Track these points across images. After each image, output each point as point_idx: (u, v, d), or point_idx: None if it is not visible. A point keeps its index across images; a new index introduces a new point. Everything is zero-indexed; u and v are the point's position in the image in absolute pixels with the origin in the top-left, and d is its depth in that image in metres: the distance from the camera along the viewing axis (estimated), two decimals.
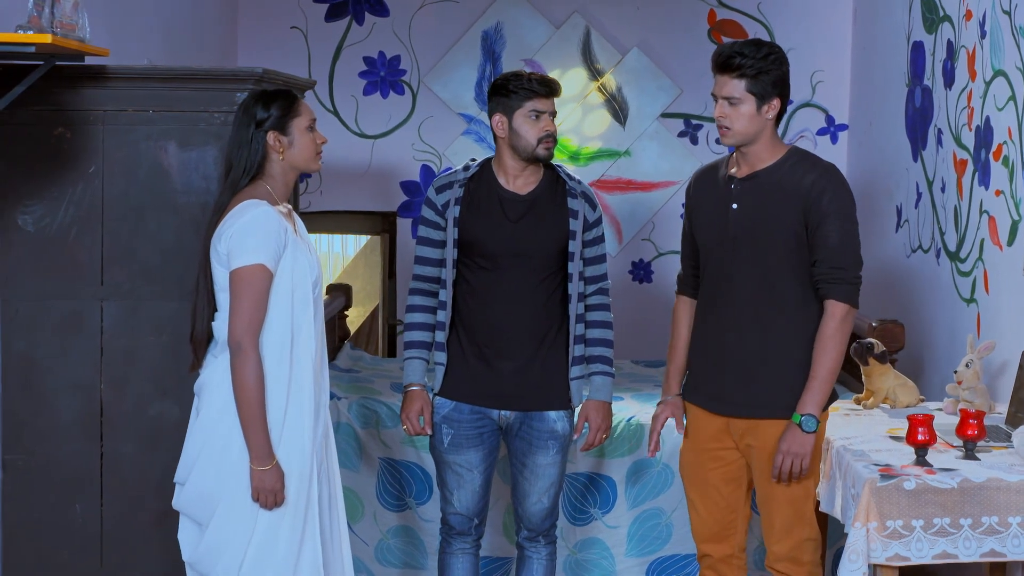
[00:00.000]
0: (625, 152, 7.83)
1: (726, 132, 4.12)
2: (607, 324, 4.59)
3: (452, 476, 4.53)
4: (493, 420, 4.50)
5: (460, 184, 4.50)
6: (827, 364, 4.10)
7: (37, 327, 4.32)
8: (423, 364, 4.55)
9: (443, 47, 7.81)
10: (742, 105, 4.07)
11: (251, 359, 3.71)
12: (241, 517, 3.78)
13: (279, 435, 3.79)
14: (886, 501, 3.88)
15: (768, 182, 4.14)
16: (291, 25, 7.81)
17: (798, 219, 4.10)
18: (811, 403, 4.10)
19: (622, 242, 7.83)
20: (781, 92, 4.14)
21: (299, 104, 3.91)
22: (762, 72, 4.07)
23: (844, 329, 4.09)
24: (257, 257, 3.73)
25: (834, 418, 4.64)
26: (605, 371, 4.55)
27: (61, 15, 4.02)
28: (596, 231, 4.54)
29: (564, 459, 4.55)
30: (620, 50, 7.81)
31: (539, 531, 4.59)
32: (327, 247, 9.73)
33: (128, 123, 4.29)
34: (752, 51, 4.07)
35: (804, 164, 4.16)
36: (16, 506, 4.36)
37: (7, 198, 4.29)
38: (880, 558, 3.88)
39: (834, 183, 4.12)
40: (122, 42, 5.51)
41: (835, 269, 4.09)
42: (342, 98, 7.84)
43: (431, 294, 4.54)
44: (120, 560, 4.38)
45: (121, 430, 4.36)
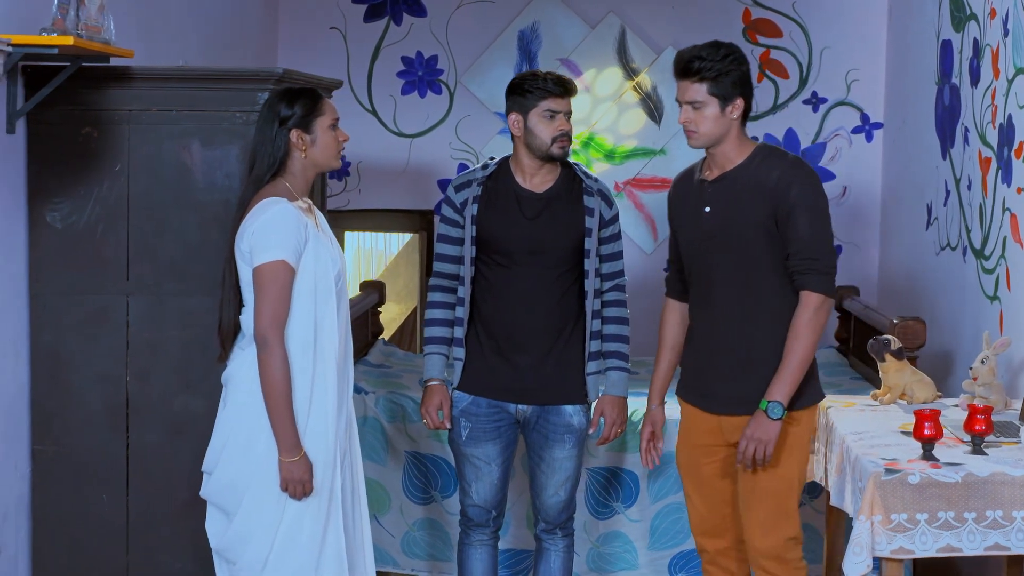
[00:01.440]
0: (660, 151, 7.88)
1: (692, 135, 4.14)
2: (623, 320, 4.66)
3: (470, 469, 4.61)
4: (511, 414, 4.58)
5: (478, 182, 4.58)
6: (799, 353, 4.11)
7: (65, 321, 4.44)
8: (442, 359, 4.63)
9: (480, 47, 7.90)
10: (706, 108, 4.11)
11: (277, 353, 3.80)
12: (267, 506, 3.88)
13: (304, 426, 3.88)
14: (891, 494, 3.92)
15: (737, 182, 4.17)
16: (330, 26, 7.93)
17: (768, 214, 4.12)
18: (779, 390, 4.11)
19: (657, 240, 7.88)
20: (743, 92, 4.13)
21: (323, 103, 3.99)
22: (722, 74, 4.09)
23: (818, 318, 4.11)
24: (278, 253, 3.81)
25: (849, 413, 4.68)
26: (621, 367, 4.62)
27: (86, 18, 4.14)
28: (612, 228, 4.60)
29: (581, 453, 4.62)
30: (655, 49, 7.86)
31: (556, 523, 4.67)
32: (369, 244, 9.84)
33: (152, 122, 4.40)
34: (711, 54, 4.09)
35: (770, 160, 4.17)
36: (44, 495, 4.48)
37: (36, 196, 4.41)
38: (885, 551, 3.92)
39: (800, 175, 4.14)
40: (158, 43, 5.64)
41: (807, 260, 4.11)
42: (380, 98, 7.94)
43: (450, 291, 4.63)
44: (145, 548, 4.50)
45: (146, 421, 4.47)
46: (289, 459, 3.83)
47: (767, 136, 7.81)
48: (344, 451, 3.99)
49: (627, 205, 7.84)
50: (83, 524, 4.48)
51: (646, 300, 7.74)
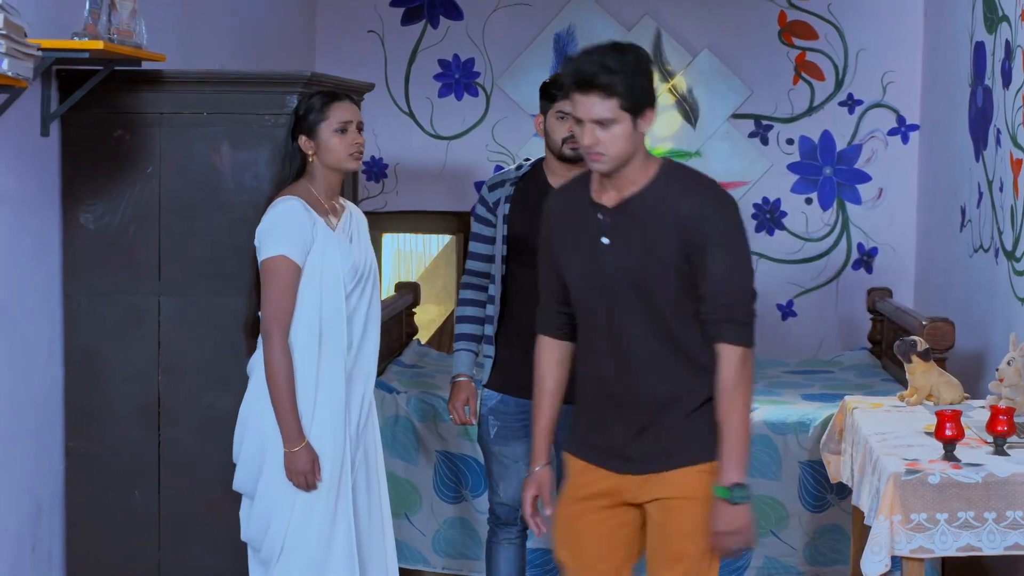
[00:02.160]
0: (696, 152, 7.91)
1: (600, 158, 3.43)
2: None
3: (498, 467, 4.67)
4: None
5: (512, 182, 4.63)
6: (737, 420, 3.50)
7: (98, 321, 4.52)
8: (471, 356, 4.69)
9: (516, 49, 7.95)
10: (616, 126, 3.40)
11: (277, 347, 3.93)
12: (281, 494, 4.00)
13: (310, 420, 3.99)
14: (910, 494, 3.94)
15: (641, 209, 3.49)
16: (368, 29, 8.00)
17: (679, 251, 3.45)
18: (734, 469, 3.49)
19: None
20: (652, 99, 3.46)
21: (329, 107, 4.07)
22: (633, 85, 3.40)
23: (746, 374, 3.49)
24: (279, 249, 3.94)
25: (874, 414, 4.71)
26: None
27: (118, 22, 4.22)
28: None
29: None
30: (691, 51, 7.89)
31: None
32: (408, 246, 9.91)
33: (183, 125, 4.48)
34: (617, 63, 3.38)
35: (680, 183, 3.49)
36: (78, 491, 4.56)
37: (70, 197, 4.49)
38: (904, 550, 3.95)
39: (716, 203, 3.47)
40: (195, 47, 5.73)
41: (722, 307, 3.46)
42: (418, 100, 8.01)
43: (481, 288, 4.69)
44: (176, 544, 4.57)
45: (177, 419, 4.54)
46: (290, 449, 3.94)
47: (803, 139, 7.83)
48: (357, 448, 4.05)
49: None
50: (115, 520, 4.56)
51: None
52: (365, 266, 4.09)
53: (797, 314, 7.90)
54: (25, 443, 4.31)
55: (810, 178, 7.87)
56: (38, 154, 4.35)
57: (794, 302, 7.90)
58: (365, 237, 4.19)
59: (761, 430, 5.50)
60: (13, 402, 4.22)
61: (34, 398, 4.37)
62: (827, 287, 7.91)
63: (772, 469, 5.50)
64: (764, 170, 7.86)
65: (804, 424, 5.51)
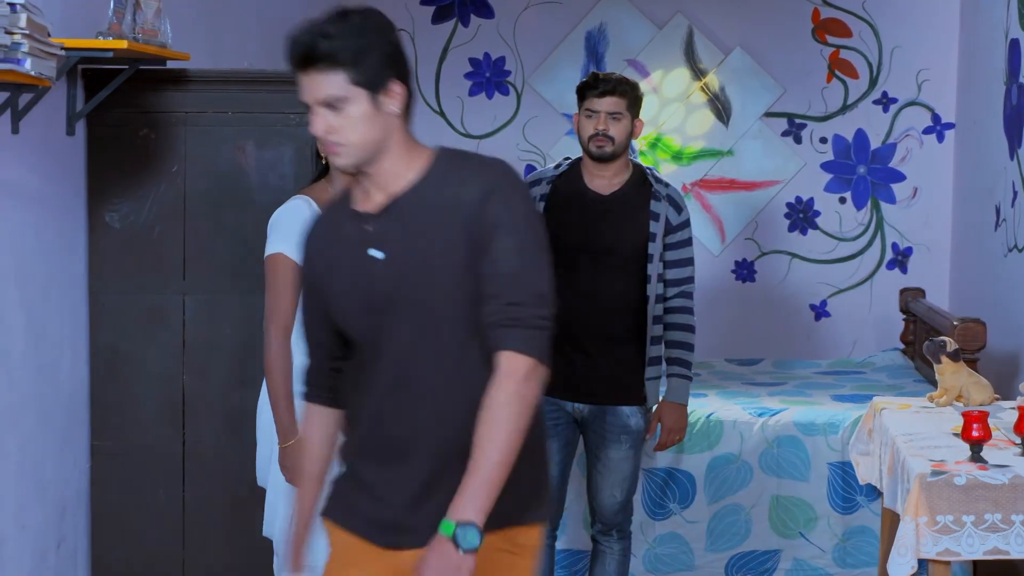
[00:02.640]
0: (728, 151, 7.90)
1: (338, 150, 2.81)
2: (688, 327, 4.66)
3: None
4: (568, 412, 4.63)
5: (548, 181, 4.65)
6: (499, 447, 2.73)
7: (123, 320, 4.56)
8: None
9: (547, 48, 7.96)
10: (349, 106, 2.78)
11: (272, 343, 4.01)
12: (281, 487, 4.10)
13: None
14: (936, 496, 3.93)
15: (415, 209, 2.84)
16: (398, 28, 8.00)
17: (466, 248, 2.80)
18: (471, 506, 2.70)
19: (725, 241, 7.90)
20: (398, 71, 2.83)
21: None
22: (363, 52, 2.78)
23: (526, 393, 2.76)
24: (279, 247, 4.01)
25: (902, 415, 4.69)
26: (682, 374, 4.64)
27: (143, 21, 4.26)
28: (681, 235, 4.62)
29: (637, 455, 4.64)
30: (723, 50, 7.87)
31: (611, 525, 4.70)
32: None
33: (208, 124, 4.52)
34: (340, 29, 2.80)
35: (460, 171, 2.86)
36: (103, 490, 4.60)
37: (96, 196, 4.54)
38: (930, 552, 3.94)
39: (503, 186, 2.83)
40: (223, 46, 5.77)
41: (510, 306, 2.78)
42: (448, 99, 8.03)
43: None
44: (200, 542, 4.61)
45: (202, 418, 4.58)
46: (282, 444, 4.03)
47: (837, 138, 7.80)
48: None
49: (694, 206, 7.85)
50: (140, 518, 4.60)
51: (713, 301, 7.78)
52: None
53: (830, 314, 7.88)
54: (51, 441, 4.35)
55: (844, 177, 7.85)
56: (64, 153, 4.40)
57: (827, 302, 7.88)
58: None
59: (790, 431, 5.51)
60: (39, 400, 4.26)
61: (60, 396, 4.41)
62: (861, 287, 7.89)
63: (801, 470, 5.50)
64: (797, 169, 7.84)
65: (834, 425, 5.51)
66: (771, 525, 5.53)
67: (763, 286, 7.91)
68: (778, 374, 6.68)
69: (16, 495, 4.13)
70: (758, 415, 5.58)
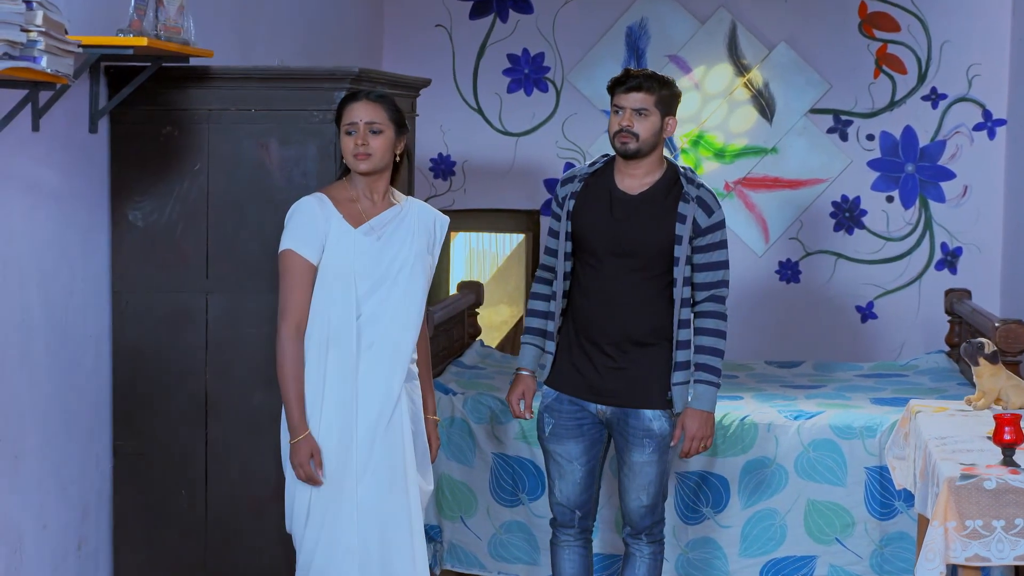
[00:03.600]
0: (772, 149, 7.92)
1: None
2: (718, 333, 4.64)
3: (554, 466, 4.74)
4: (592, 414, 4.68)
5: (580, 179, 4.70)
6: None
7: (146, 319, 4.65)
8: (535, 350, 4.78)
9: (587, 44, 8.02)
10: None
11: (283, 339, 4.14)
12: (291, 483, 4.21)
13: (319, 414, 4.16)
14: (965, 500, 3.95)
15: None
16: (436, 23, 8.11)
17: None
18: None
19: (768, 241, 7.92)
20: None
21: (346, 108, 4.21)
22: None
23: None
24: (286, 243, 4.15)
25: (937, 418, 4.71)
26: (709, 380, 4.63)
27: (165, 18, 4.35)
28: (712, 237, 4.61)
29: (663, 459, 4.66)
30: (767, 45, 7.90)
31: (639, 529, 4.74)
32: (483, 245, 10.00)
33: (231, 122, 4.60)
34: None
35: None
36: (126, 491, 4.69)
37: (119, 194, 4.63)
38: (959, 558, 3.95)
39: None
40: (257, 43, 5.88)
41: None
42: (486, 96, 8.10)
43: (549, 283, 4.77)
44: (223, 544, 4.68)
45: (225, 418, 4.66)
46: (291, 440, 4.14)
47: (884, 135, 7.80)
48: (374, 447, 4.15)
49: (737, 205, 7.89)
50: (163, 520, 4.69)
51: (755, 302, 7.81)
52: (398, 265, 4.17)
53: (877, 316, 7.89)
54: (73, 441, 4.44)
55: (891, 175, 7.86)
56: (86, 151, 4.49)
57: (874, 304, 7.89)
58: (412, 235, 4.25)
59: (826, 434, 5.52)
60: (62, 400, 4.36)
61: (83, 396, 4.51)
62: (909, 288, 7.89)
63: (837, 475, 5.51)
64: (843, 167, 7.86)
65: (871, 429, 5.52)
66: (807, 530, 5.55)
67: (808, 287, 7.93)
68: (818, 377, 6.69)
69: (38, 494, 4.23)
70: (793, 418, 5.60)
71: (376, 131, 4.16)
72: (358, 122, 4.15)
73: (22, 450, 4.13)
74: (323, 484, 4.14)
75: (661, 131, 4.59)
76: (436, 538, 5.80)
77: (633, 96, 4.55)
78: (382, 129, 4.17)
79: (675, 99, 4.63)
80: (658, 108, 4.56)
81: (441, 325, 6.23)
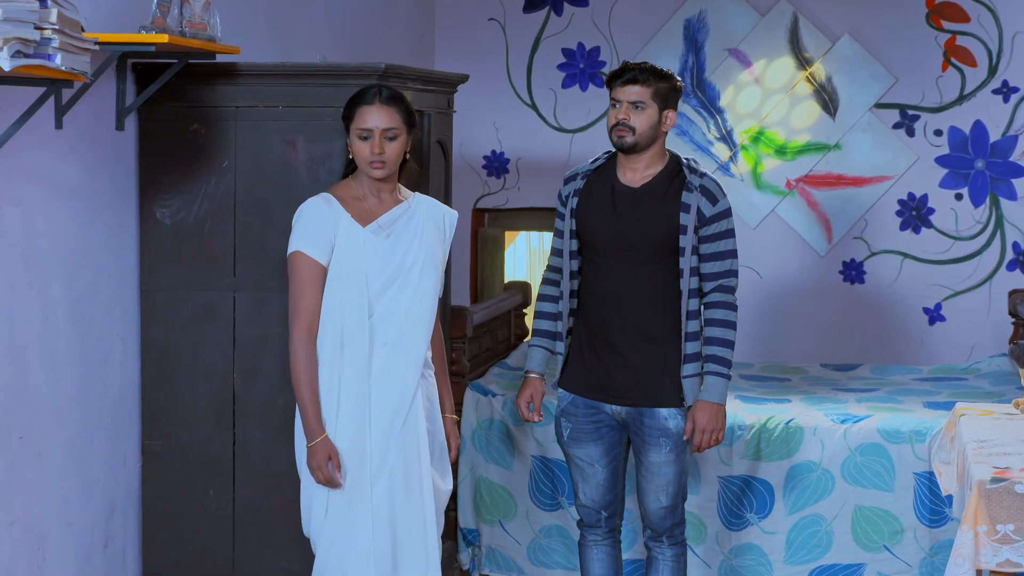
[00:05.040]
0: (835, 145, 7.96)
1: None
2: (727, 324, 4.74)
3: (576, 469, 4.86)
4: (608, 415, 4.79)
5: (583, 176, 4.83)
6: None
7: (173, 317, 4.82)
8: (543, 352, 4.90)
9: (644, 37, 8.10)
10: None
11: (294, 341, 4.27)
12: (308, 486, 4.36)
13: (335, 416, 4.29)
14: (996, 504, 4.01)
15: None
16: (489, 17, 8.23)
17: None
18: None
19: (831, 241, 7.96)
20: None
21: (358, 110, 4.31)
22: None
23: None
24: (296, 245, 4.28)
25: (981, 421, 4.77)
26: (719, 371, 4.73)
27: (190, 15, 4.51)
28: (717, 226, 4.73)
29: (681, 458, 4.77)
30: (830, 37, 7.94)
31: (660, 531, 4.84)
32: (543, 245, 10.11)
33: (258, 119, 4.75)
34: None
35: None
36: (154, 490, 4.87)
37: (147, 192, 4.80)
38: (990, 563, 4.02)
39: None
40: (295, 39, 6.03)
41: None
42: (540, 91, 8.21)
43: (556, 284, 4.89)
44: (251, 543, 4.84)
45: (253, 417, 4.82)
46: (308, 443, 4.28)
47: (953, 131, 7.82)
48: (391, 447, 4.26)
49: (799, 203, 7.94)
50: (191, 519, 4.85)
51: (818, 303, 7.86)
52: (408, 262, 4.29)
53: (946, 319, 7.90)
54: (98, 439, 4.62)
55: (960, 172, 7.87)
56: (113, 148, 4.67)
57: (942, 305, 7.91)
58: (422, 231, 4.35)
59: (873, 438, 5.58)
60: (86, 398, 4.53)
61: (109, 394, 4.68)
62: (979, 289, 7.89)
63: (885, 480, 5.57)
64: (910, 164, 7.88)
65: (920, 433, 5.56)
66: (854, 537, 5.61)
67: (873, 288, 7.96)
68: (873, 380, 6.75)
69: (61, 491, 4.41)
70: (840, 422, 5.67)
71: (391, 137, 4.30)
72: (373, 129, 4.27)
73: (45, 447, 4.31)
74: (339, 490, 4.26)
75: (659, 124, 4.71)
76: (474, 542, 5.93)
77: (630, 89, 4.70)
78: (397, 135, 4.30)
79: (674, 92, 4.77)
80: (655, 101, 4.69)
81: (484, 325, 6.36)
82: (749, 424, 5.70)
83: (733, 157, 8.01)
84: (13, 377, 4.14)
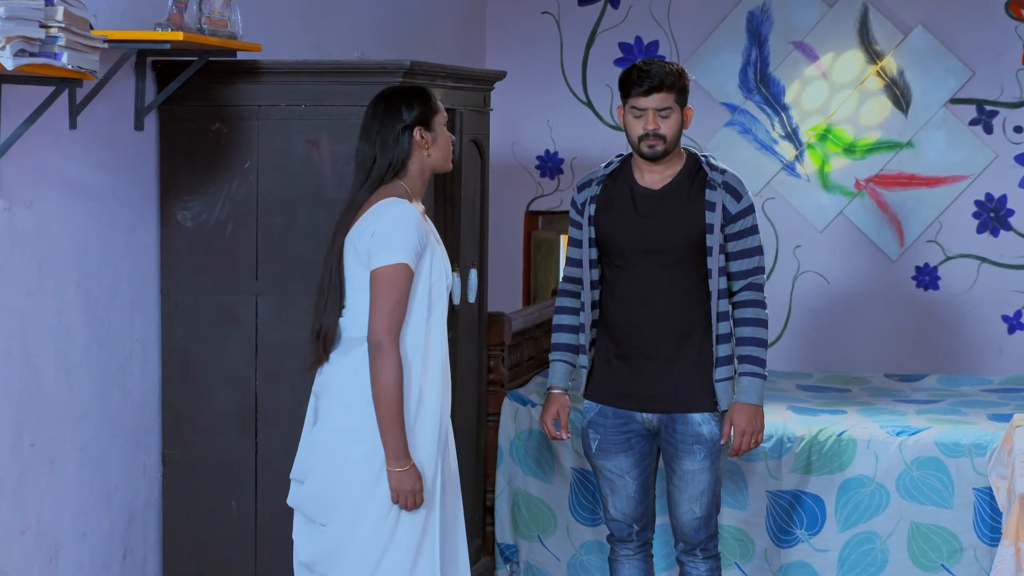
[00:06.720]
0: (907, 143, 7.99)
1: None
2: (759, 322, 4.85)
3: (605, 482, 4.96)
4: (639, 424, 4.89)
5: (598, 182, 4.93)
6: None
7: (195, 321, 4.99)
8: (565, 367, 5.01)
9: (705, 30, 8.17)
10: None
11: (391, 359, 4.16)
12: (364, 518, 4.25)
13: (412, 434, 4.24)
14: None
15: None
16: (543, 10, 8.34)
17: None
18: None
19: (904, 244, 8.00)
20: None
21: (437, 100, 4.37)
22: None
23: None
24: (400, 256, 4.17)
25: None
26: (754, 372, 4.83)
27: (209, 12, 4.68)
28: (743, 223, 4.83)
29: (715, 466, 4.87)
30: (902, 29, 7.98)
31: (694, 543, 4.94)
32: None
33: (281, 118, 4.91)
34: None
35: None
36: (175, 499, 5.03)
37: (168, 194, 4.97)
38: None
39: None
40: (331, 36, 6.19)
41: None
42: (596, 87, 8.31)
43: (575, 295, 5.00)
44: (274, 552, 4.97)
45: (275, 424, 4.97)
46: (399, 468, 4.18)
47: None
48: (440, 461, 4.36)
49: (869, 205, 7.99)
50: (212, 527, 5.01)
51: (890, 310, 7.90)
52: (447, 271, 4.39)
53: None
54: (116, 447, 4.79)
55: None
56: (132, 148, 4.84)
57: (1022, 313, 7.92)
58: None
59: (931, 452, 5.62)
60: (103, 405, 4.71)
61: (128, 401, 4.85)
62: None
63: (943, 495, 5.61)
64: (987, 162, 7.91)
65: (980, 446, 5.59)
66: (910, 556, 5.66)
67: (948, 295, 7.99)
68: (939, 391, 6.78)
69: (76, 501, 4.58)
70: (895, 434, 5.71)
71: None
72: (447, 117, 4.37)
73: (59, 455, 4.48)
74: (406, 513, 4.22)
75: (683, 124, 4.80)
76: (512, 559, 6.03)
77: (654, 97, 4.74)
78: None
79: (688, 88, 4.85)
80: (678, 104, 4.79)
81: (526, 333, 6.46)
82: (799, 436, 5.77)
83: (799, 156, 8.07)
84: (25, 382, 4.31)
